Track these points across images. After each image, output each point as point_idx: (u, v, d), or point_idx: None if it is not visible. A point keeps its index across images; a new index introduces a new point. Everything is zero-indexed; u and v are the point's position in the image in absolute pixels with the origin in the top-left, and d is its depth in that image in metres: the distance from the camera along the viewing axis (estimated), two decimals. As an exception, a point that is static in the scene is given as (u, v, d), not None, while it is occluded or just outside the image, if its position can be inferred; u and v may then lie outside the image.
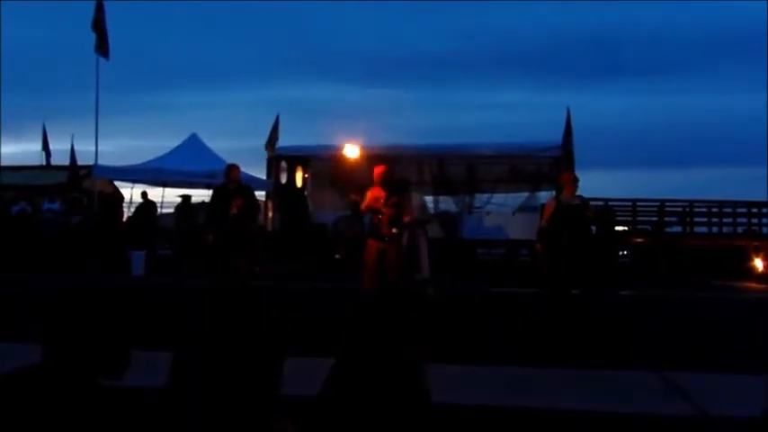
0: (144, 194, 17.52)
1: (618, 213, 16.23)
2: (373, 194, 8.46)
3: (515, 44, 67.01)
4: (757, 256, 14.81)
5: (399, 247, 8.39)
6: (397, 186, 8.69)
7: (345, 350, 1.43)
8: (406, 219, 8.57)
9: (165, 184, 18.55)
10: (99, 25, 15.50)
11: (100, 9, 15.52)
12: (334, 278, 12.01)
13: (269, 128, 17.66)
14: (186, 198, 16.67)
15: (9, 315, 7.58)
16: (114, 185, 20.49)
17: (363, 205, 8.69)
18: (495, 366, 5.54)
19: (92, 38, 15.62)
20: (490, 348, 6.35)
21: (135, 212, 17.79)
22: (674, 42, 62.39)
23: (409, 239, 9.48)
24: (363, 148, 15.75)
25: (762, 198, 16.55)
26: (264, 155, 17.57)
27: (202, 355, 1.51)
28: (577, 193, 8.29)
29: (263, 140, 17.62)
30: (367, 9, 65.63)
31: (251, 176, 15.36)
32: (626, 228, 16.48)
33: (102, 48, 15.53)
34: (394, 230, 8.28)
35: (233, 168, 9.74)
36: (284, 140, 17.77)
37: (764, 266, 14.53)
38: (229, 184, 9.63)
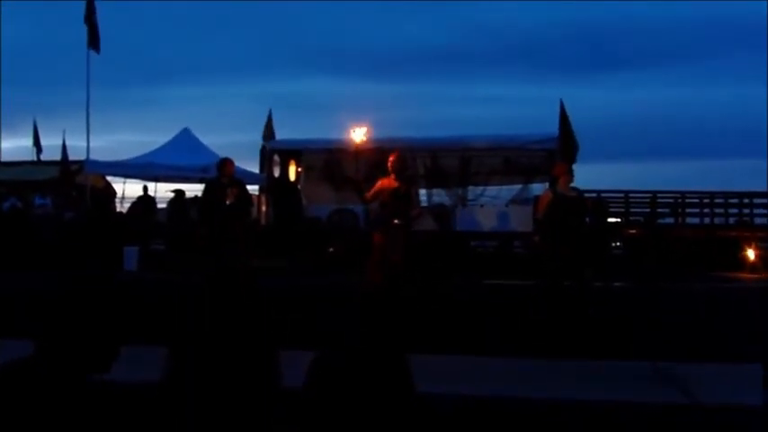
0: (145, 188, 17.46)
1: (610, 205, 16.28)
2: (383, 185, 8.14)
3: (509, 37, 66.96)
4: (749, 247, 14.88)
5: (404, 239, 8.20)
6: (408, 177, 8.52)
7: (330, 342, 1.43)
8: (415, 212, 8.45)
9: (157, 179, 18.49)
10: (90, 20, 15.41)
11: (91, 4, 15.43)
12: (329, 272, 12.01)
13: (262, 122, 17.67)
14: (179, 193, 16.62)
15: (4, 313, 7.55)
16: (106, 180, 20.42)
17: (370, 193, 8.34)
18: (491, 357, 5.55)
19: (83, 33, 15.54)
20: (485, 339, 6.37)
21: (133, 206, 17.72)
22: (668, 34, 62.47)
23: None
24: (357, 141, 15.70)
25: (760, 190, 16.65)
26: (258, 148, 17.58)
27: (198, 349, 1.50)
28: (572, 184, 8.28)
29: (255, 134, 17.64)
30: (361, 3, 65.40)
31: (244, 170, 15.33)
32: (619, 219, 16.53)
33: (94, 42, 15.44)
34: (396, 221, 8.12)
35: (227, 162, 9.70)
36: (277, 134, 17.78)
37: (756, 256, 14.60)
38: (222, 178, 9.59)
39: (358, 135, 10.07)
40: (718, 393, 4.50)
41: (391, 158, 8.27)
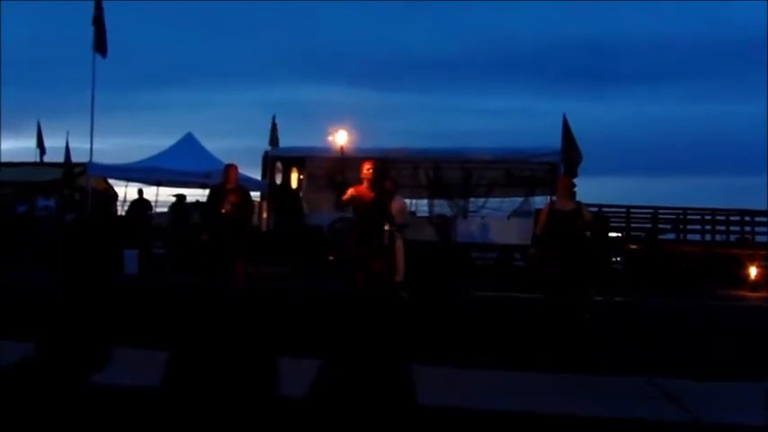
0: (140, 192, 17.49)
1: (612, 220, 16.27)
2: (359, 193, 7.94)
3: (513, 49, 67.13)
4: (750, 264, 14.85)
5: (392, 248, 8.11)
6: (385, 187, 8.40)
7: (335, 351, 1.43)
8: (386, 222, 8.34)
9: (159, 183, 18.51)
10: (98, 23, 15.43)
11: (99, 7, 15.46)
12: (329, 279, 11.99)
13: (265, 128, 17.76)
14: (180, 197, 16.63)
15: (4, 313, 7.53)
16: (107, 182, 20.43)
17: (345, 198, 8.08)
18: (489, 370, 5.53)
19: (89, 35, 15.56)
20: (483, 352, 6.35)
21: (128, 209, 17.76)
22: (671, 50, 62.59)
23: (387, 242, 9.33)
24: (359, 150, 15.74)
25: (759, 207, 16.63)
26: (260, 155, 17.62)
27: (198, 355, 1.50)
28: (576, 198, 8.28)
29: (259, 141, 17.76)
30: (364, 11, 65.60)
31: (246, 177, 15.33)
32: (620, 234, 16.52)
33: (100, 45, 15.46)
34: (387, 228, 8.04)
35: (231, 168, 9.70)
36: (280, 141, 17.82)
37: (757, 274, 14.57)
38: (226, 183, 9.60)
39: (359, 146, 10.12)
40: (719, 411, 4.47)
41: (368, 166, 7.97)
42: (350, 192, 8.04)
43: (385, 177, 8.95)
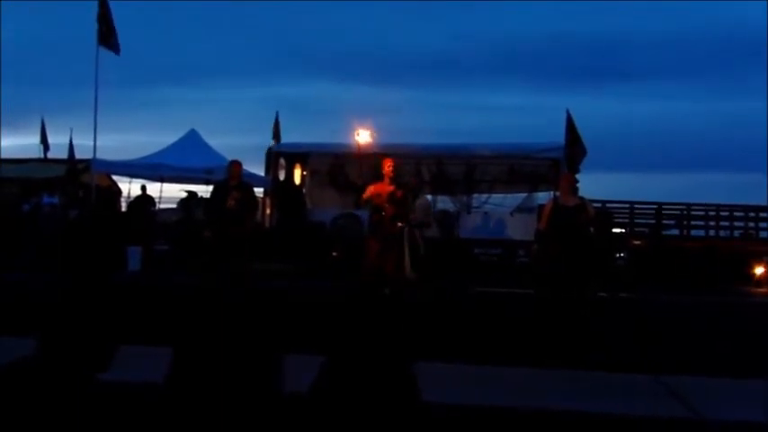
0: (143, 188, 17.51)
1: (616, 216, 16.24)
2: (377, 189, 8.11)
3: (515, 46, 67.01)
4: (755, 261, 14.81)
5: (403, 245, 8.14)
6: (404, 182, 8.50)
7: (338, 348, 1.43)
8: (411, 216, 8.39)
9: (162, 180, 18.54)
10: (104, 20, 15.43)
11: (103, 4, 15.45)
12: (332, 276, 11.99)
13: (268, 125, 17.79)
14: (191, 194, 16.60)
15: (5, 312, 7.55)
16: (111, 179, 20.48)
17: (364, 196, 8.35)
18: (492, 366, 5.52)
19: (93, 33, 15.56)
20: (485, 348, 6.34)
21: (130, 206, 17.79)
22: (673, 47, 62.45)
23: (410, 239, 9.39)
24: (362, 147, 15.73)
25: (761, 203, 16.58)
26: (263, 152, 17.64)
27: (201, 352, 1.50)
28: (579, 194, 8.28)
29: (261, 137, 17.79)
30: (367, 9, 65.59)
31: (249, 173, 15.35)
32: (623, 230, 16.48)
33: (110, 42, 15.44)
34: (399, 224, 8.06)
35: (235, 164, 9.72)
36: (283, 138, 17.83)
37: (763, 271, 14.53)
38: (230, 180, 9.61)
39: (362, 142, 10.11)
40: (723, 409, 4.46)
41: (388, 163, 8.18)
42: (370, 189, 8.12)
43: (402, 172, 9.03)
